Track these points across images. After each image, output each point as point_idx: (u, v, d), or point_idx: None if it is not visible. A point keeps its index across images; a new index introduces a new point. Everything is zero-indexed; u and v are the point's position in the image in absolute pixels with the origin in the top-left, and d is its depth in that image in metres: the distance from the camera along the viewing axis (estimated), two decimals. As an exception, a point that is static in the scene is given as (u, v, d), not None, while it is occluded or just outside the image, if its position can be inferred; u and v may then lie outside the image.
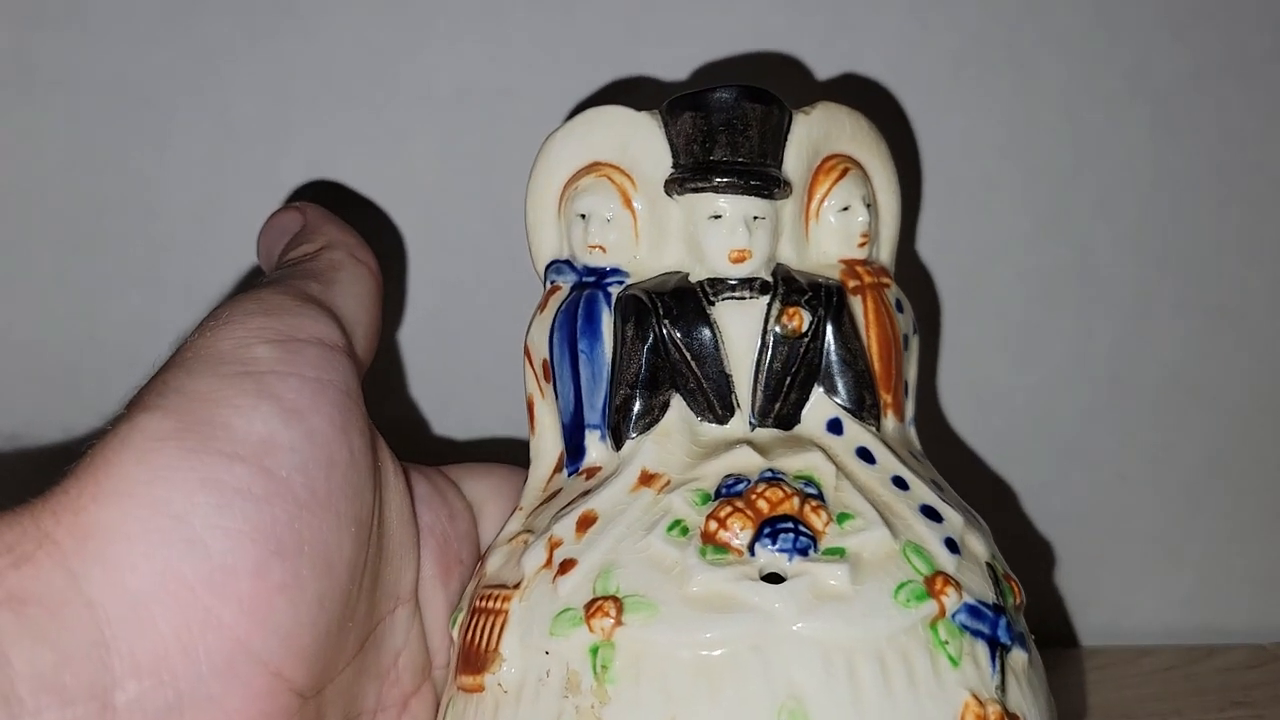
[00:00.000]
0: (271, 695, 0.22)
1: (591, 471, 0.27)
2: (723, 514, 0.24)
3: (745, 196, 0.27)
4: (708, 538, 0.24)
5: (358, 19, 0.41)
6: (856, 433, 0.27)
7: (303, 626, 0.23)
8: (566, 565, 0.25)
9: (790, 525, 0.24)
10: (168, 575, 0.21)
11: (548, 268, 0.29)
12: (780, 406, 0.27)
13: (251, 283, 0.37)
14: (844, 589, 0.23)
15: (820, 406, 0.27)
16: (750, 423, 0.27)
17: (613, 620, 0.24)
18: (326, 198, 0.41)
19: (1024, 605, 0.27)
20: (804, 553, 0.24)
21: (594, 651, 0.24)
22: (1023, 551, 0.45)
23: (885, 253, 0.30)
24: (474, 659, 0.26)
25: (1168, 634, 0.45)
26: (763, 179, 0.27)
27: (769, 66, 0.41)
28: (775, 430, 0.27)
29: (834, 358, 0.27)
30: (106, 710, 0.20)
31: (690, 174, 0.27)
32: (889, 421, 0.28)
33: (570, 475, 0.28)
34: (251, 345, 0.24)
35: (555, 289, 0.29)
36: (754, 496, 0.25)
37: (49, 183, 0.41)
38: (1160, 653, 0.43)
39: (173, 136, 0.41)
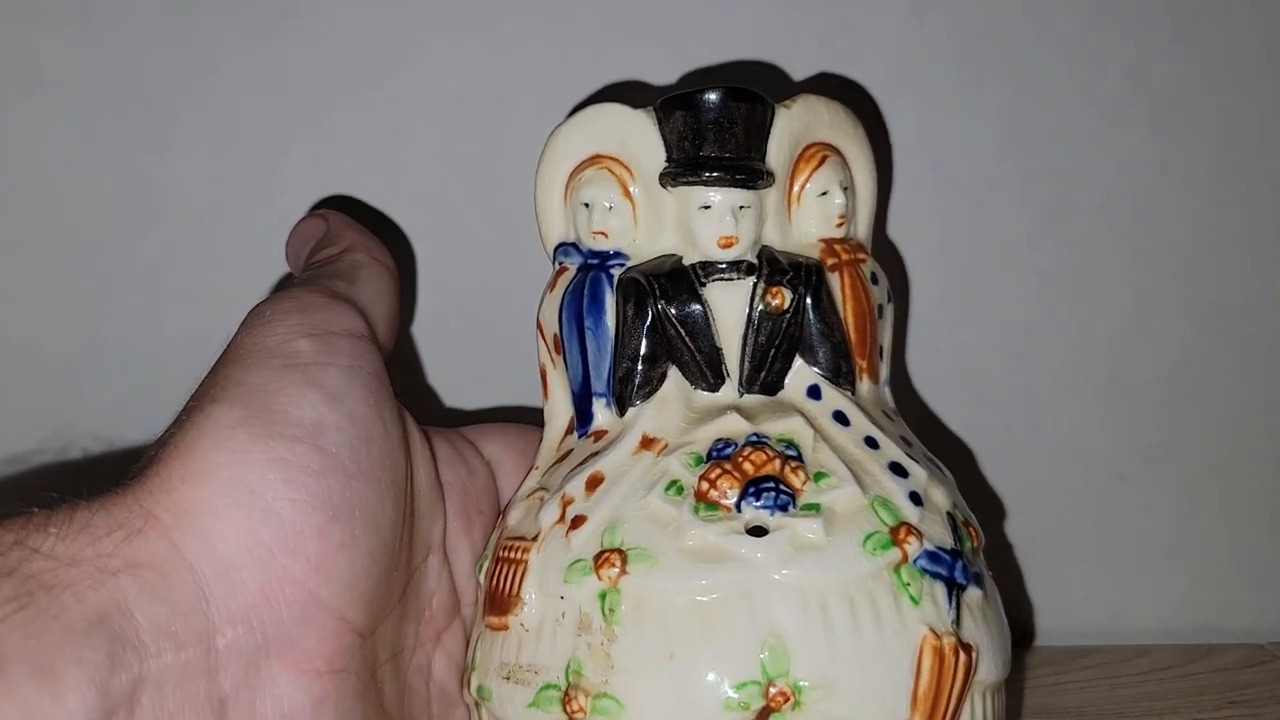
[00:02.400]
0: (338, 636, 0.26)
1: (599, 434, 0.30)
2: (713, 475, 0.28)
3: (732, 189, 0.30)
4: (700, 496, 0.28)
5: (358, 19, 0.41)
6: (833, 398, 0.30)
7: (359, 578, 0.27)
8: (577, 521, 0.28)
9: (772, 485, 0.27)
10: (250, 541, 0.25)
11: (556, 249, 0.32)
12: (765, 375, 0.30)
13: (283, 283, 0.39)
14: (819, 540, 0.27)
15: (801, 374, 0.30)
16: (739, 390, 0.30)
17: (618, 570, 0.27)
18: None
19: (982, 546, 0.30)
20: (784, 509, 0.27)
21: (602, 597, 0.27)
22: (1023, 553, 0.45)
23: (863, 229, 0.33)
24: (499, 602, 0.29)
25: (1165, 633, 0.45)
26: (747, 173, 0.30)
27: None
28: (761, 396, 0.30)
29: (813, 331, 0.30)
30: (210, 652, 0.24)
31: (682, 168, 0.30)
32: (864, 385, 0.31)
33: (580, 437, 0.31)
34: (293, 340, 0.28)
35: (563, 270, 0.32)
36: (740, 459, 0.28)
37: (50, 183, 0.41)
38: (1158, 652, 0.43)
39: (174, 137, 0.41)
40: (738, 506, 0.27)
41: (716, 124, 0.30)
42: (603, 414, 0.31)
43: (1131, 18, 0.42)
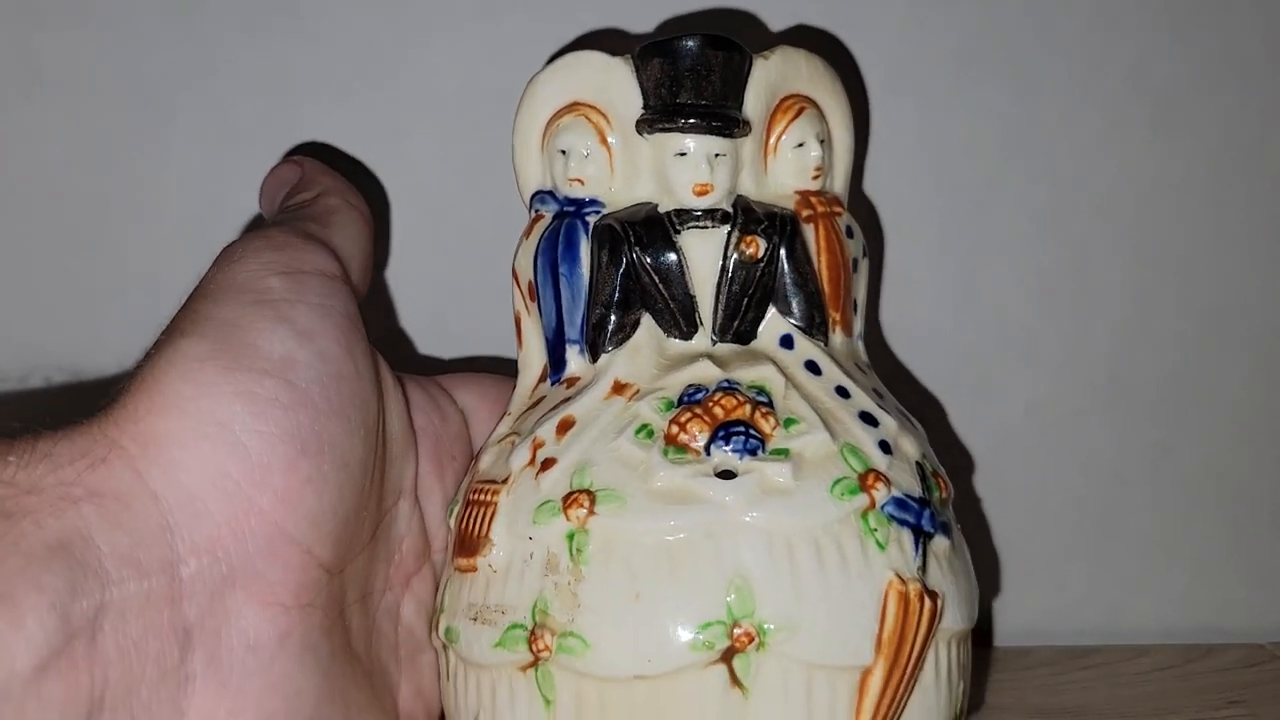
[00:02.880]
0: (303, 569, 0.26)
1: (571, 381, 0.30)
2: (683, 419, 0.28)
3: (707, 136, 0.30)
4: (670, 440, 0.28)
5: (358, 19, 0.41)
6: (806, 348, 0.30)
7: (326, 513, 0.27)
8: (547, 464, 0.28)
9: (742, 429, 0.27)
10: (216, 472, 0.25)
11: (533, 198, 0.32)
12: (739, 324, 0.30)
13: (255, 225, 0.39)
14: (787, 484, 0.27)
15: (774, 324, 0.30)
16: (712, 339, 0.30)
17: (586, 510, 0.27)
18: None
19: (950, 498, 0.30)
20: (753, 453, 0.27)
21: (570, 537, 0.27)
22: (1020, 552, 0.45)
23: (839, 183, 0.33)
24: (468, 544, 0.29)
25: (1165, 633, 0.45)
26: (723, 120, 0.30)
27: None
28: (734, 345, 0.30)
29: (787, 280, 0.30)
30: (174, 581, 0.24)
31: (659, 115, 0.30)
32: (837, 337, 0.31)
33: (553, 384, 0.31)
34: (265, 277, 0.28)
35: (539, 217, 0.32)
36: (711, 404, 0.28)
37: (50, 182, 0.41)
38: (1157, 652, 0.43)
39: (173, 136, 0.41)
40: (707, 450, 0.27)
41: (694, 71, 0.30)
42: (576, 361, 0.30)
43: (1131, 18, 0.42)
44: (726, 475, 0.27)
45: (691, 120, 0.30)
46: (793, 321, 0.30)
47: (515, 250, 0.32)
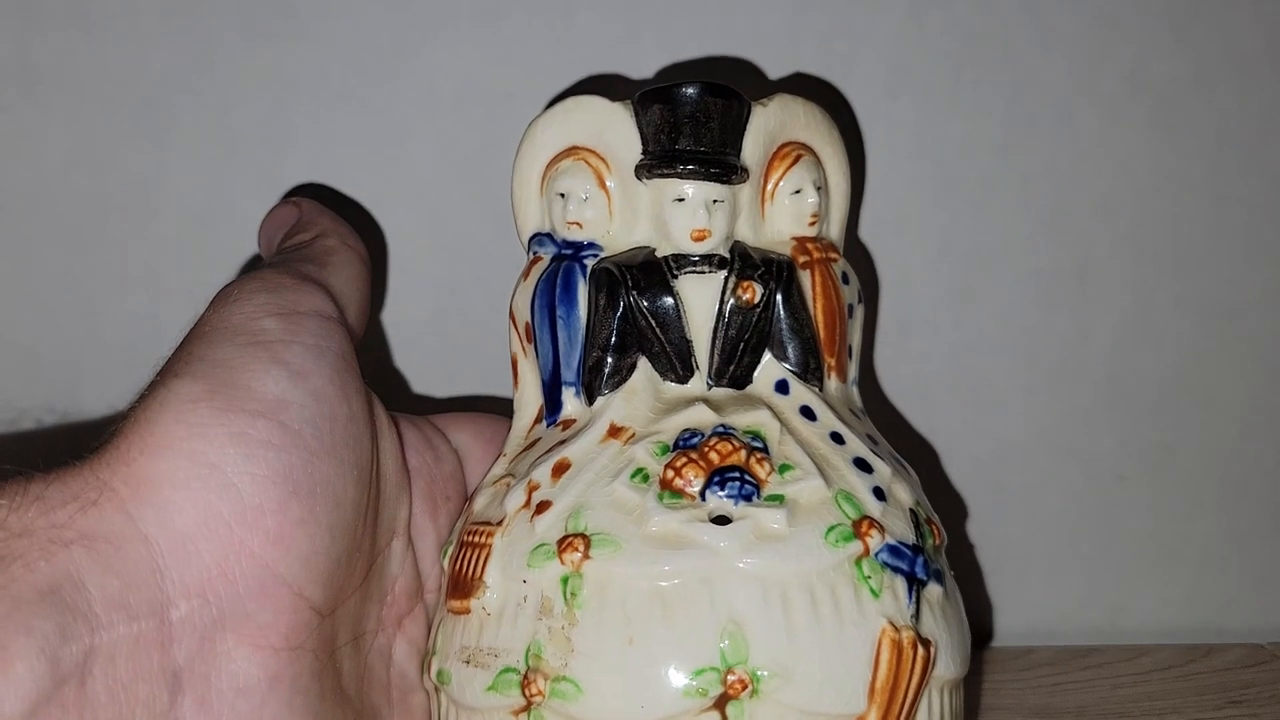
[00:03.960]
0: (295, 612, 0.26)
1: (567, 423, 0.31)
2: (679, 464, 0.28)
3: (705, 182, 0.30)
4: (665, 484, 0.28)
5: (357, 19, 0.41)
6: (801, 393, 0.30)
7: (318, 555, 0.26)
8: (542, 506, 0.28)
9: (737, 474, 0.27)
10: (208, 514, 0.25)
11: (531, 240, 0.32)
12: (734, 369, 0.30)
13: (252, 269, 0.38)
14: (781, 530, 0.27)
15: (770, 369, 0.31)
16: (708, 383, 0.30)
17: (581, 554, 0.27)
18: (322, 197, 0.41)
19: (944, 545, 0.30)
20: (748, 499, 0.27)
21: (564, 581, 0.27)
22: (1021, 550, 0.45)
23: (835, 229, 0.33)
24: (461, 586, 0.29)
25: (1165, 633, 0.45)
26: (722, 166, 0.30)
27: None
28: (730, 390, 0.30)
29: (783, 326, 0.31)
30: (164, 624, 0.24)
31: (658, 161, 0.30)
32: (832, 383, 0.31)
33: (549, 426, 0.31)
34: (260, 319, 0.28)
35: (537, 259, 0.32)
36: (706, 449, 0.28)
37: (50, 183, 0.41)
38: (1158, 651, 0.43)
39: (173, 137, 0.41)
40: (702, 495, 0.27)
41: (693, 118, 0.30)
42: (571, 403, 0.31)
43: (1131, 18, 0.42)
44: (721, 521, 0.27)
45: (690, 166, 0.30)
46: (788, 367, 0.30)
47: (513, 292, 0.32)
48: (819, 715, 0.26)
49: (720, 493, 0.27)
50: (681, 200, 0.30)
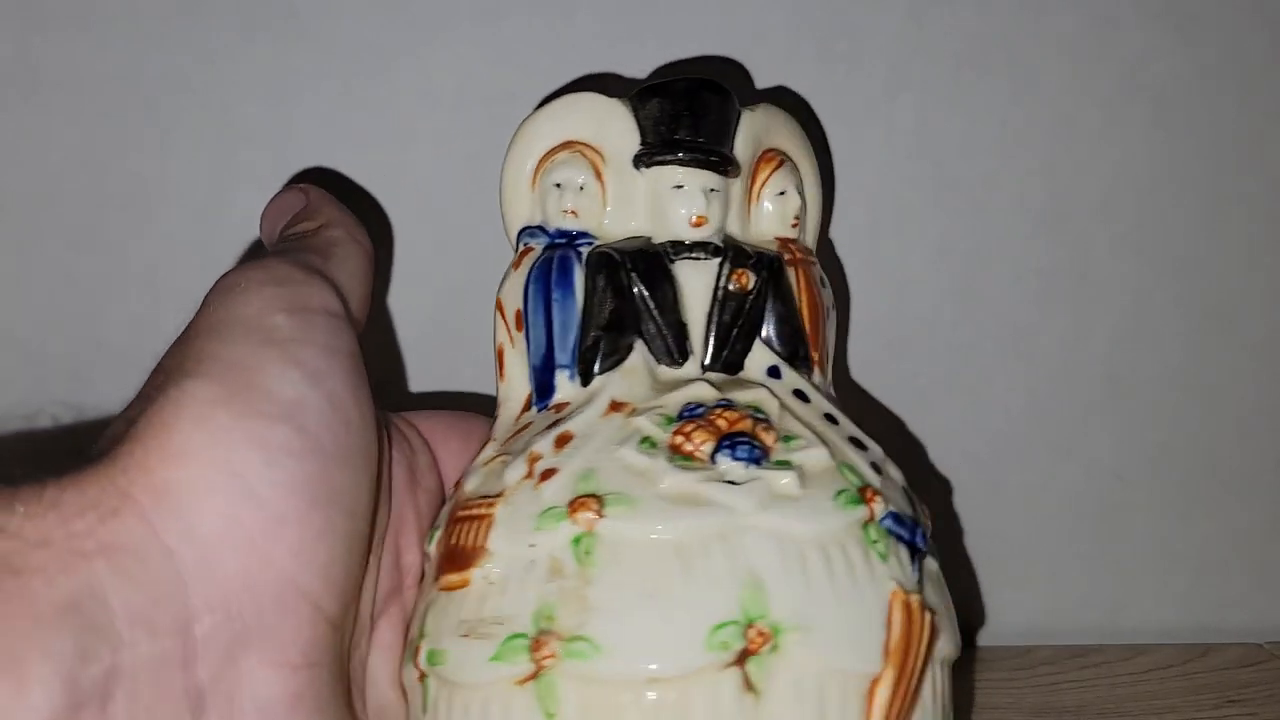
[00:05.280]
0: (313, 626, 0.25)
1: (560, 407, 0.30)
2: (688, 429, 0.28)
3: (704, 171, 0.31)
4: (674, 449, 0.28)
5: (358, 19, 0.41)
6: (793, 378, 0.31)
7: (335, 566, 0.26)
8: (548, 473, 0.28)
9: (746, 439, 0.28)
10: (232, 524, 0.24)
11: (521, 232, 0.33)
12: (728, 354, 0.31)
13: (253, 252, 0.39)
14: (794, 492, 0.27)
15: (761, 355, 0.31)
16: (702, 366, 0.31)
17: (594, 514, 0.27)
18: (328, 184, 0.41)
19: (931, 529, 0.30)
20: (757, 463, 0.27)
21: (577, 541, 0.27)
22: (1019, 551, 0.45)
23: (810, 238, 0.34)
24: (459, 558, 0.28)
25: (1164, 633, 0.45)
26: (720, 156, 0.31)
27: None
28: (723, 374, 0.31)
29: (774, 314, 0.31)
30: (188, 641, 0.23)
31: (658, 149, 0.31)
32: (816, 376, 0.32)
33: (540, 411, 0.31)
34: (270, 314, 0.27)
35: (528, 250, 0.32)
36: (714, 416, 0.28)
37: (50, 183, 0.41)
38: (1156, 651, 0.43)
39: (173, 137, 0.41)
40: (712, 458, 0.27)
41: (692, 110, 0.31)
42: (565, 386, 0.31)
43: (1131, 18, 0.42)
44: (733, 483, 0.27)
45: (690, 154, 0.31)
46: (778, 353, 0.31)
47: (500, 282, 0.32)
48: (839, 673, 0.26)
49: (730, 455, 0.27)
50: (680, 187, 0.31)
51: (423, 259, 0.42)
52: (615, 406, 0.29)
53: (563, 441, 0.29)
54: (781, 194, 0.33)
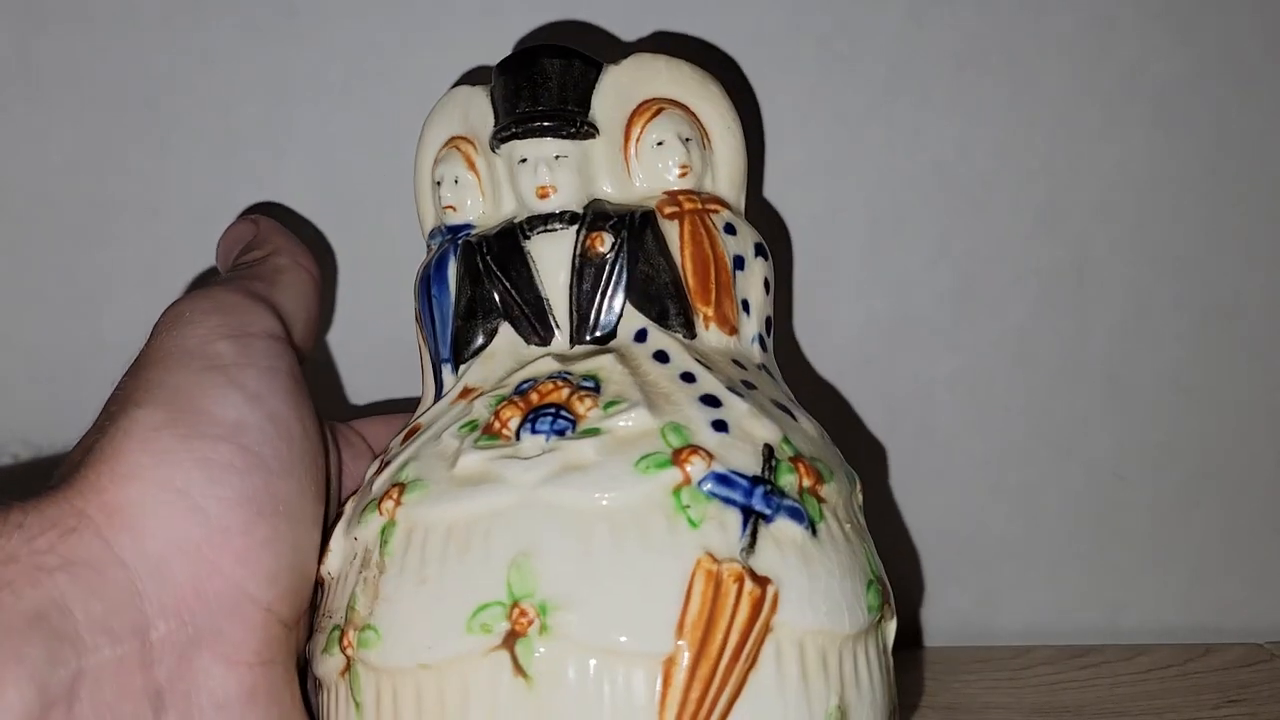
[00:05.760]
0: (265, 627, 0.27)
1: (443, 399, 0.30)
2: (500, 409, 0.27)
3: (543, 139, 0.30)
4: (486, 429, 0.27)
5: (357, 19, 0.41)
6: (658, 339, 0.29)
7: (284, 570, 0.27)
8: (385, 466, 0.29)
9: (552, 411, 0.27)
10: (179, 538, 0.26)
11: (429, 237, 0.33)
12: (595, 324, 0.30)
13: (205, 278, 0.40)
14: (588, 460, 0.26)
15: (630, 319, 0.30)
16: (570, 342, 0.30)
17: (394, 502, 0.27)
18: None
19: (825, 491, 0.27)
20: (560, 433, 0.26)
21: (382, 531, 0.27)
22: (1020, 551, 0.45)
23: (724, 187, 0.32)
24: (320, 555, 0.29)
25: (1164, 633, 0.45)
26: (556, 119, 0.30)
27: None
28: (591, 346, 0.29)
29: (637, 274, 0.30)
30: (145, 645, 0.25)
31: (502, 127, 0.31)
32: (711, 334, 0.30)
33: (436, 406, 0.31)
34: (213, 342, 0.28)
35: (430, 252, 0.33)
36: (530, 392, 0.28)
37: (51, 183, 0.41)
38: (1156, 651, 0.43)
39: (173, 137, 0.41)
40: (517, 435, 0.27)
41: (530, 81, 0.30)
42: (448, 378, 0.31)
43: (1131, 18, 0.42)
44: (526, 458, 0.26)
45: (523, 126, 0.30)
46: (645, 315, 0.29)
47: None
48: (617, 654, 0.24)
49: (531, 430, 0.27)
50: (524, 160, 0.30)
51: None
52: (466, 393, 0.29)
53: (410, 434, 0.29)
54: (660, 144, 0.31)
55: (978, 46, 0.42)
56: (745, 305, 0.31)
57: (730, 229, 0.31)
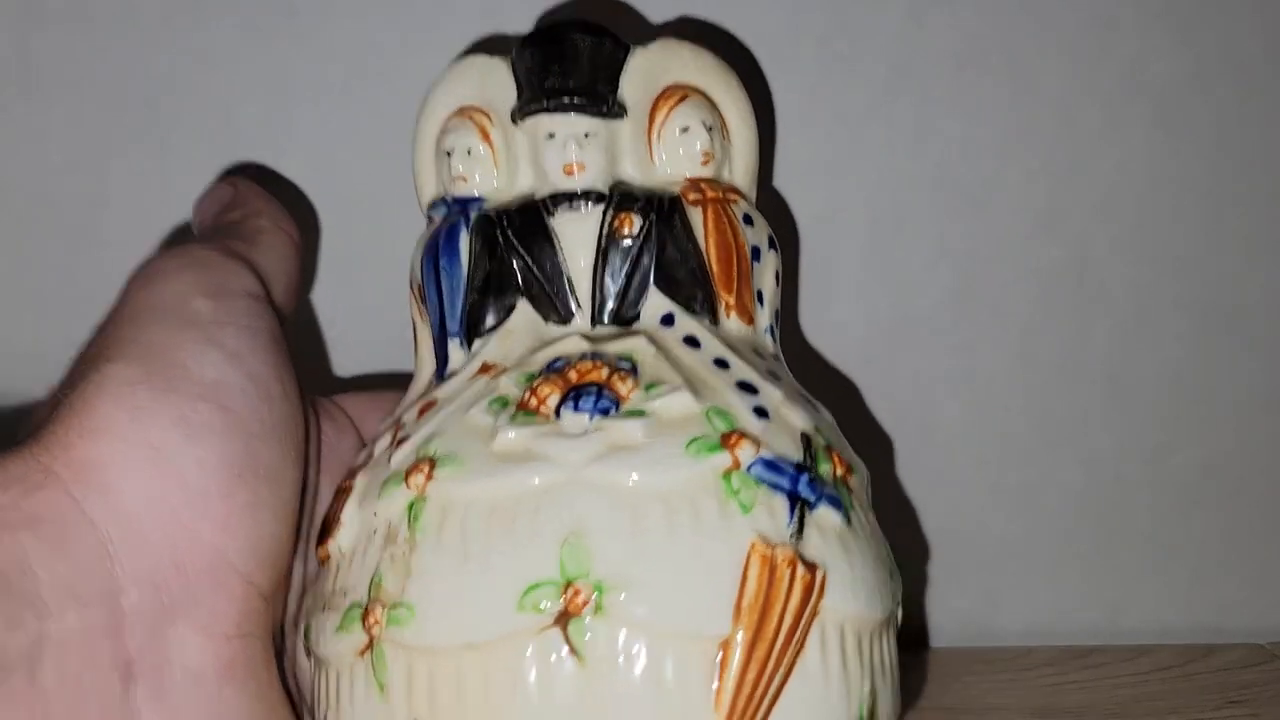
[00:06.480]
0: (245, 599, 0.26)
1: (454, 375, 0.30)
2: (537, 386, 0.27)
3: (573, 115, 0.29)
4: (521, 406, 0.26)
5: (357, 19, 0.41)
6: (687, 324, 0.29)
7: (264, 539, 0.26)
8: (401, 441, 0.28)
9: (594, 390, 0.26)
10: (154, 499, 0.24)
11: (429, 208, 0.32)
12: (618, 305, 0.29)
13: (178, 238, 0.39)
14: (637, 441, 0.25)
15: (656, 303, 0.29)
16: (592, 320, 0.29)
17: (425, 476, 0.26)
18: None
19: (854, 480, 0.28)
20: (605, 413, 0.26)
21: (410, 506, 0.26)
22: (1021, 552, 0.45)
23: (740, 177, 0.32)
24: (324, 532, 0.28)
25: (1165, 633, 0.45)
26: (588, 96, 0.29)
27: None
28: (615, 327, 0.29)
29: (665, 258, 0.29)
30: (115, 612, 0.24)
31: (527, 100, 0.30)
32: (731, 322, 0.30)
33: (439, 382, 0.30)
34: (190, 298, 0.27)
35: (432, 223, 0.32)
36: (568, 370, 0.27)
37: (50, 183, 0.41)
38: (1157, 652, 0.43)
39: (173, 137, 0.41)
40: (557, 412, 0.26)
41: (562, 56, 0.30)
42: (456, 354, 0.30)
43: (1131, 18, 0.42)
44: (571, 436, 0.25)
45: (555, 100, 0.29)
46: (672, 299, 0.29)
47: (412, 260, 0.32)
48: (672, 635, 0.24)
49: (574, 409, 0.26)
50: (552, 136, 0.29)
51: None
52: (485, 369, 0.28)
53: (426, 409, 0.28)
54: (685, 130, 0.30)
55: (978, 46, 0.42)
56: (760, 296, 0.31)
57: (748, 220, 0.31)
